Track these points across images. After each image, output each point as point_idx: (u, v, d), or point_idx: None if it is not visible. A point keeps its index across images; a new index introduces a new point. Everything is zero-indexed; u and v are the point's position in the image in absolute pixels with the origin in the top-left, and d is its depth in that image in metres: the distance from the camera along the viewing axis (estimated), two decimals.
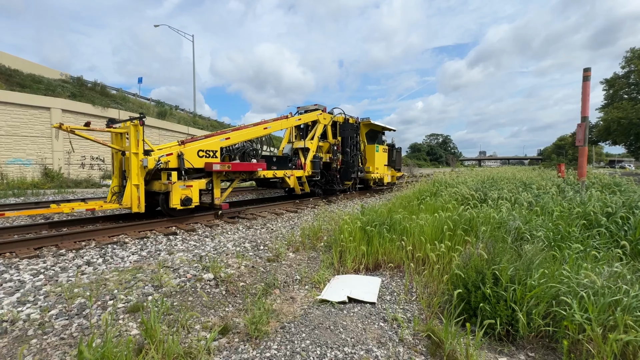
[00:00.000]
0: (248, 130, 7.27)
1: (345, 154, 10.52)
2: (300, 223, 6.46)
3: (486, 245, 3.09)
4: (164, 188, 5.65)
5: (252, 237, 5.16)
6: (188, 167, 5.91)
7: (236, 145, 7.07)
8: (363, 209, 5.22)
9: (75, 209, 5.14)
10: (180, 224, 5.93)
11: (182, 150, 5.86)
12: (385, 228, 4.04)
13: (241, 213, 7.10)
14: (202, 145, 6.22)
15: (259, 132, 7.50)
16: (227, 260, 3.89)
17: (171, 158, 5.75)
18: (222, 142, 6.60)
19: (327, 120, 10.01)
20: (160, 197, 5.84)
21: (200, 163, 6.14)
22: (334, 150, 10.06)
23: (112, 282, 3.18)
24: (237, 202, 9.07)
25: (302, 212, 7.87)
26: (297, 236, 5.05)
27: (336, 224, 5.24)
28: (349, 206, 8.42)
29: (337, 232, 4.45)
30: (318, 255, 4.31)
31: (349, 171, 10.41)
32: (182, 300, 2.86)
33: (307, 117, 9.49)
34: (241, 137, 7.07)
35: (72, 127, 5.11)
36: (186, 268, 3.59)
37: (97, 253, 4.19)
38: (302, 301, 3.02)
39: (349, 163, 10.43)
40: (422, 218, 4.18)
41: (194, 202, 5.81)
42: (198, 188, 5.90)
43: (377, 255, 3.89)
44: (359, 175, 11.20)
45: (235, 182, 6.89)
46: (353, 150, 10.70)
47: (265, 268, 3.78)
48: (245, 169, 6.75)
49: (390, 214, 4.47)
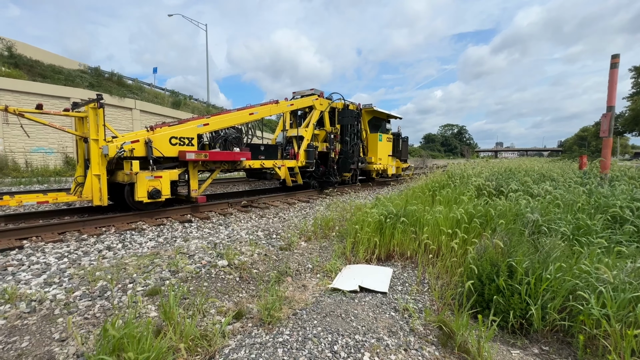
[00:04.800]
0: (231, 115, 6.72)
1: (345, 143, 9.97)
2: (312, 213, 6.48)
3: (502, 238, 3.04)
4: (127, 179, 5.22)
5: (264, 226, 5.18)
6: (158, 155, 5.46)
7: (220, 132, 6.60)
8: (377, 200, 5.18)
9: (24, 202, 4.64)
10: (195, 212, 6.01)
11: (150, 137, 5.40)
12: (400, 219, 4.01)
13: (254, 202, 7.15)
14: (174, 132, 5.73)
15: (243, 118, 6.95)
16: (240, 248, 3.93)
17: (137, 146, 5.27)
18: (200, 128, 6.07)
19: (324, 106, 9.38)
20: (125, 189, 5.38)
21: (173, 151, 5.68)
22: (331, 138, 9.49)
23: (131, 267, 3.30)
24: (249, 192, 9.17)
25: (315, 202, 7.88)
26: (309, 225, 5.08)
27: (349, 214, 5.21)
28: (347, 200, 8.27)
29: (350, 222, 4.44)
30: (330, 245, 4.32)
31: (348, 162, 9.83)
32: (198, 286, 2.94)
33: (300, 102, 8.80)
34: (222, 123, 6.50)
35: (21, 110, 4.60)
36: (201, 254, 3.66)
37: (117, 239, 4.33)
38: (314, 289, 3.04)
39: (348, 153, 9.87)
40: (436, 210, 4.14)
41: (163, 195, 5.36)
42: (169, 179, 5.44)
43: (389, 245, 3.89)
44: (360, 166, 10.65)
45: (216, 173, 6.48)
46: (353, 139, 10.15)
47: (278, 256, 3.81)
48: (225, 158, 6.27)
49: (405, 206, 4.44)
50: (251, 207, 6.89)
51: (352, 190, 10.13)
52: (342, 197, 8.64)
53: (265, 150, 7.75)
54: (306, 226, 5.00)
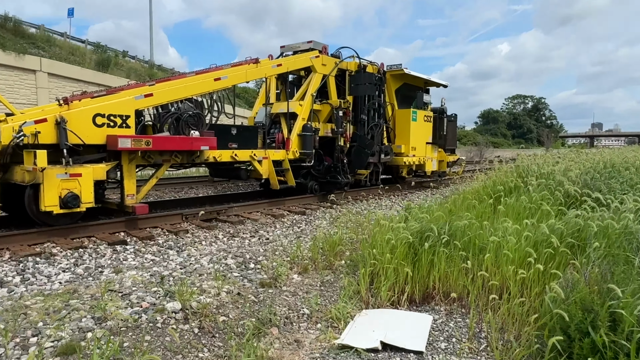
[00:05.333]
0: (186, 82, 6.73)
1: (360, 124, 10.04)
2: (309, 230, 6.50)
3: (600, 269, 3.03)
4: (29, 178, 5.05)
5: (237, 251, 5.24)
6: (76, 142, 5.40)
7: (170, 107, 6.69)
8: (408, 210, 5.20)
9: None
10: (132, 229, 6.03)
11: (63, 115, 5.30)
12: (444, 241, 4.02)
13: (221, 214, 7.18)
14: (101, 107, 5.67)
15: (205, 86, 6.96)
16: (200, 284, 3.95)
17: (44, 127, 5.19)
18: (139, 101, 6.05)
19: (329, 68, 9.33)
20: (26, 194, 5.24)
21: (99, 136, 5.65)
22: (339, 117, 9.36)
23: (35, 311, 3.29)
24: (214, 198, 9.14)
25: (314, 213, 7.90)
26: (305, 250, 5.12)
27: (366, 232, 5.23)
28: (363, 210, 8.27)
29: (367, 244, 4.47)
30: (337, 279, 4.36)
31: (364, 153, 9.81)
32: (136, 341, 2.93)
33: (293, 61, 8.77)
34: (174, 93, 6.50)
35: None
36: (141, 293, 3.67)
37: (13, 269, 4.33)
38: (313, 347, 3.04)
39: (365, 139, 9.85)
40: (500, 226, 4.14)
41: (84, 203, 5.29)
42: (92, 178, 5.40)
43: (427, 280, 3.91)
44: (383, 159, 10.70)
45: (163, 170, 6.58)
46: (373, 117, 10.21)
47: (258, 296, 3.83)
48: (177, 147, 6.28)
49: (450, 219, 4.45)
50: (217, 221, 6.93)
51: (371, 195, 10.10)
52: (355, 206, 8.62)
53: (239, 134, 7.74)
54: (300, 251, 5.01)
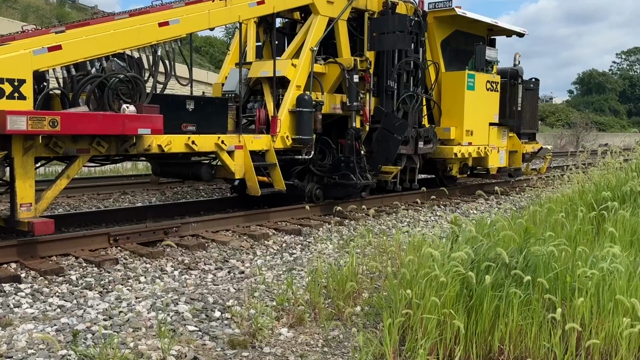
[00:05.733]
0: (115, 26, 7.03)
1: (386, 94, 10.47)
2: (307, 258, 6.57)
3: None
4: None
5: (194, 291, 5.35)
6: None
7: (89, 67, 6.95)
8: (460, 229, 5.12)
9: None
10: (28, 258, 6.04)
11: None
12: (515, 275, 4.01)
13: (171, 234, 7.23)
14: None
15: (146, 35, 7.30)
16: (135, 344, 3.92)
17: None
18: (40, 57, 6.32)
19: (338, 8, 9.77)
20: None
21: None
22: (353, 84, 9.70)
23: None
24: (160, 209, 9.20)
25: (314, 232, 8.01)
26: (300, 289, 5.20)
27: (395, 262, 5.34)
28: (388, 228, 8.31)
29: (394, 281, 4.48)
30: (348, 335, 4.41)
31: (392, 139, 10.10)
32: None
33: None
34: (95, 45, 6.79)
35: None
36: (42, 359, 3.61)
37: None
38: None
39: (394, 118, 10.23)
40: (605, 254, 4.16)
41: None
42: None
43: (489, 338, 3.93)
44: (422, 148, 11.02)
45: (79, 165, 6.84)
46: (406, 85, 10.69)
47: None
48: (101, 129, 6.53)
49: (526, 242, 4.44)
50: (165, 245, 6.89)
51: (403, 204, 10.31)
52: (377, 222, 8.77)
53: (199, 111, 7.98)
54: (293, 291, 5.02)
